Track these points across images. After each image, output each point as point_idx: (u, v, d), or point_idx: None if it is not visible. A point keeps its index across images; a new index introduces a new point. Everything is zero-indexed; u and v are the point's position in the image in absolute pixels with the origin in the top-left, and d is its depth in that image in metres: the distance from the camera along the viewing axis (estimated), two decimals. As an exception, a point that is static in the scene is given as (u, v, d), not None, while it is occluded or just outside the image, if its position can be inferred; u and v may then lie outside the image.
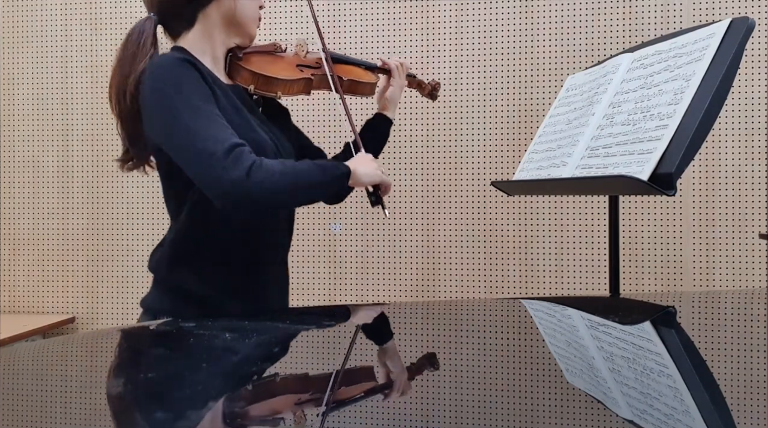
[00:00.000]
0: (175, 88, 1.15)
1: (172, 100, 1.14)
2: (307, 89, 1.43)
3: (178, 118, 1.13)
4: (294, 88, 1.38)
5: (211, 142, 1.11)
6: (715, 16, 2.35)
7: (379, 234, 2.52)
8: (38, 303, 2.71)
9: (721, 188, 2.34)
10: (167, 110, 1.14)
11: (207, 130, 1.12)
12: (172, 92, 1.14)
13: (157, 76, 1.16)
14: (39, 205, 2.71)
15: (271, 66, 1.37)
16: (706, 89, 1.07)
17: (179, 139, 1.14)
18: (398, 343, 0.99)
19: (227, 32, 1.30)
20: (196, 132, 1.12)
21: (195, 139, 1.12)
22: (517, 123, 2.45)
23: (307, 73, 1.41)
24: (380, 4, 2.52)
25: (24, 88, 2.71)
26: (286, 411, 0.69)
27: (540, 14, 2.44)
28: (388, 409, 0.68)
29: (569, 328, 1.10)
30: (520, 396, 0.73)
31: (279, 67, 1.38)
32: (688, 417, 0.64)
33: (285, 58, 1.44)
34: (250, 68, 1.32)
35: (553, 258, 2.43)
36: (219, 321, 1.11)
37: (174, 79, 1.15)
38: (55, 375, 0.85)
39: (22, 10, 2.71)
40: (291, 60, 1.44)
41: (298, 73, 1.40)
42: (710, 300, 1.40)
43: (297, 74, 1.39)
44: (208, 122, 1.13)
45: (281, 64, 1.41)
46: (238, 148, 1.12)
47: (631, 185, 1.11)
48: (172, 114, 1.14)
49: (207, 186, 1.14)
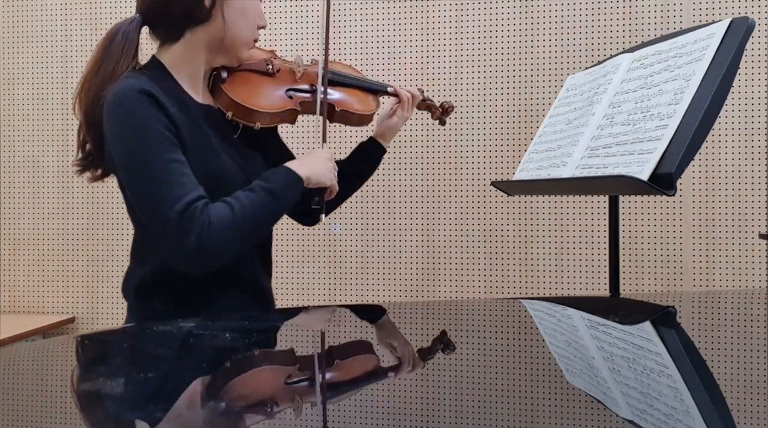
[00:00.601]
0: (136, 132, 1.10)
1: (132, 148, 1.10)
2: (292, 118, 1.33)
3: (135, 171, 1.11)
4: (276, 119, 1.30)
5: (163, 204, 1.08)
6: (715, 16, 2.35)
7: (379, 234, 2.52)
8: (38, 303, 2.71)
9: (721, 188, 2.34)
10: (126, 156, 1.11)
11: (160, 189, 1.08)
12: (131, 137, 1.10)
13: (118, 110, 1.11)
14: (39, 205, 2.71)
15: (254, 93, 1.28)
16: (706, 89, 1.07)
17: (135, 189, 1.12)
18: (398, 343, 0.99)
19: (213, 54, 1.24)
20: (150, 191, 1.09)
21: (148, 199, 1.10)
22: (517, 123, 2.45)
23: (294, 102, 1.32)
24: (380, 4, 2.52)
25: (24, 88, 2.71)
26: (282, 396, 0.69)
27: (540, 14, 2.44)
28: (387, 409, 0.68)
29: (569, 328, 1.10)
30: (520, 396, 0.73)
31: (263, 95, 1.29)
32: (688, 417, 0.64)
33: (275, 80, 1.33)
34: (230, 95, 1.24)
35: (553, 258, 2.43)
36: (219, 321, 1.11)
37: (135, 120, 1.10)
38: (55, 375, 0.85)
39: (22, 10, 2.71)
40: (282, 82, 1.34)
41: (284, 102, 1.31)
42: (710, 300, 1.40)
43: (282, 104, 1.30)
44: (165, 177, 1.09)
45: (268, 89, 1.31)
46: (189, 210, 1.07)
47: (631, 185, 1.11)
48: (131, 159, 1.11)
49: (161, 249, 1.13)
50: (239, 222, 1.11)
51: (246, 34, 1.25)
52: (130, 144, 1.11)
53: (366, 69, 2.50)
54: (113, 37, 1.20)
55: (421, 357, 0.88)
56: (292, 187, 1.20)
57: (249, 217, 1.13)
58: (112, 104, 1.12)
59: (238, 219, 1.11)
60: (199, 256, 1.09)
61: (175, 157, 1.11)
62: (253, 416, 0.67)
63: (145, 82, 1.14)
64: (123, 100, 1.11)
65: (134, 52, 1.20)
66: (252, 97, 1.27)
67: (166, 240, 1.10)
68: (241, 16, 1.23)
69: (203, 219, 1.08)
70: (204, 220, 1.08)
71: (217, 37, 1.22)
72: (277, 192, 1.17)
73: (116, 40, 1.19)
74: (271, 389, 0.75)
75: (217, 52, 1.24)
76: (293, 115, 1.33)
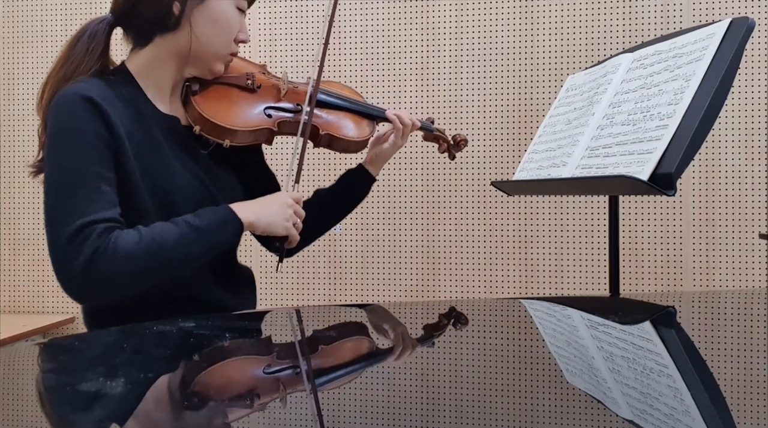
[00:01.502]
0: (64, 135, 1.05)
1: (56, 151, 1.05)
2: (268, 139, 1.24)
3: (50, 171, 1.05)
4: (248, 137, 1.21)
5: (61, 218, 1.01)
6: (715, 16, 2.35)
7: (379, 234, 2.52)
8: (38, 303, 2.71)
9: (721, 188, 2.34)
10: (49, 155, 1.06)
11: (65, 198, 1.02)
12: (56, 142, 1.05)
13: (55, 113, 1.06)
14: (39, 205, 2.68)
15: (227, 110, 1.19)
16: (706, 89, 1.07)
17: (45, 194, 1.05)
18: (398, 343, 0.99)
19: (183, 64, 1.18)
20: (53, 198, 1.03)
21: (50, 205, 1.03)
22: (517, 123, 2.45)
23: (272, 122, 1.23)
24: (380, 4, 2.52)
25: (24, 88, 2.71)
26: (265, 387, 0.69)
27: (540, 14, 2.44)
28: (387, 409, 0.68)
29: (569, 328, 1.10)
30: (520, 396, 0.73)
31: (237, 112, 1.20)
32: (688, 417, 0.64)
33: (254, 97, 1.24)
34: (199, 109, 1.17)
35: (553, 258, 2.43)
36: (219, 320, 1.11)
37: (67, 124, 1.05)
38: (55, 375, 0.85)
39: (22, 10, 2.71)
40: (261, 99, 1.25)
41: (259, 121, 1.22)
42: (710, 300, 1.40)
43: (257, 123, 1.21)
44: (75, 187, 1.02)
45: (243, 106, 1.22)
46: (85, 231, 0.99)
47: (631, 185, 1.11)
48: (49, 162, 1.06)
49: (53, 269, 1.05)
50: (141, 255, 1.01)
51: (218, 47, 1.18)
52: (55, 149, 1.05)
53: (366, 69, 2.50)
54: (80, 37, 1.16)
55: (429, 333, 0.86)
56: (226, 229, 1.09)
57: (157, 252, 1.02)
58: (53, 105, 1.08)
59: (142, 252, 1.01)
60: (82, 284, 1.02)
61: (98, 171, 1.04)
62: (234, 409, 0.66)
63: (95, 88, 1.08)
64: (62, 104, 1.06)
65: (100, 53, 1.16)
66: (222, 113, 1.18)
67: (54, 257, 1.03)
68: (214, 27, 1.16)
69: (98, 245, 0.99)
70: (98, 246, 0.99)
71: (185, 48, 1.16)
72: (204, 230, 1.06)
73: (82, 39, 1.15)
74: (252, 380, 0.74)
75: (186, 63, 1.18)
76: (269, 136, 1.24)
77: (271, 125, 1.23)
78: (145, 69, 1.17)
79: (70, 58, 1.15)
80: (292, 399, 0.71)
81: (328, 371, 0.83)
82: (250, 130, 1.21)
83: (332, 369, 0.84)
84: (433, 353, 0.92)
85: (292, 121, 1.25)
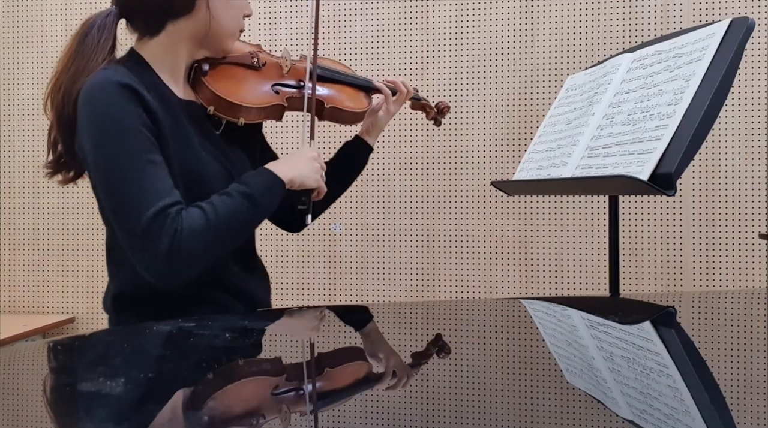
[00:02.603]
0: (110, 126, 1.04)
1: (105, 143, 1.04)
2: (278, 115, 1.26)
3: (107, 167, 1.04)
4: (260, 114, 1.23)
5: (134, 209, 1.02)
6: (715, 16, 2.35)
7: (379, 234, 2.52)
8: (38, 303, 2.71)
9: (721, 188, 2.34)
10: (98, 151, 1.05)
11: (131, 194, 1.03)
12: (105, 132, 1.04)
13: (93, 104, 1.05)
14: (39, 205, 2.71)
15: (238, 87, 1.21)
16: (706, 89, 1.07)
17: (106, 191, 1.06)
18: (398, 344, 0.99)
19: (197, 46, 1.18)
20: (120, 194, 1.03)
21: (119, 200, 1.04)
22: (517, 123, 2.45)
23: (281, 97, 1.25)
24: (380, 4, 2.52)
25: (24, 88, 2.71)
26: (270, 407, 0.69)
27: (540, 14, 2.44)
28: (387, 409, 0.68)
29: (569, 328, 1.10)
30: (520, 396, 0.73)
31: (248, 89, 1.22)
32: (688, 417, 0.64)
33: (260, 74, 1.26)
34: (212, 88, 1.18)
35: (553, 258, 2.43)
36: (219, 321, 1.11)
37: (110, 115, 1.04)
38: (55, 375, 0.85)
39: (22, 10, 2.71)
40: (267, 76, 1.27)
41: (269, 96, 1.24)
42: (710, 300, 1.40)
43: (268, 99, 1.23)
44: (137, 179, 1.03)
45: (252, 83, 1.24)
46: (160, 217, 1.01)
47: (631, 185, 1.11)
48: (103, 158, 1.05)
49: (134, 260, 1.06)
50: (213, 230, 1.05)
51: (232, 24, 1.19)
52: (104, 141, 1.04)
53: (366, 69, 2.50)
54: (88, 31, 1.14)
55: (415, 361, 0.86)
56: (273, 191, 1.13)
57: (224, 224, 1.06)
58: (87, 96, 1.06)
59: (212, 227, 1.05)
60: (169, 267, 1.03)
61: (151, 157, 1.05)
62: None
63: (124, 74, 1.08)
64: (99, 92, 1.05)
65: (111, 46, 1.14)
66: (236, 91, 1.20)
67: (135, 248, 1.04)
68: (227, 5, 1.17)
69: (175, 227, 1.02)
70: (176, 228, 1.02)
71: (201, 30, 1.16)
72: (257, 197, 1.10)
73: (91, 33, 1.13)
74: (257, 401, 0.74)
75: (200, 45, 1.18)
76: (280, 111, 1.27)
77: (281, 101, 1.25)
78: (160, 55, 1.16)
79: (81, 52, 1.12)
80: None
81: (329, 375, 0.83)
82: (263, 106, 1.23)
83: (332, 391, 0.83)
84: (434, 353, 0.92)
85: (298, 97, 1.28)
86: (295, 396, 0.73)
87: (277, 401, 0.71)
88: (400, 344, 0.98)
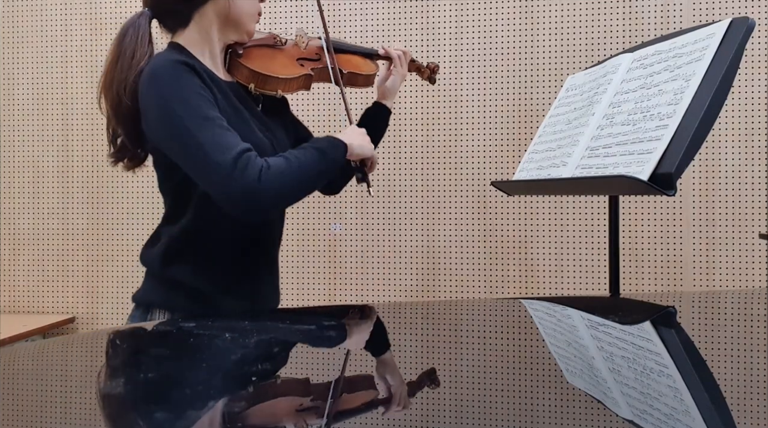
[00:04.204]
0: (177, 95, 1.14)
1: (175, 109, 1.13)
2: (308, 84, 1.40)
3: (182, 129, 1.12)
4: (294, 85, 1.36)
5: (218, 152, 1.11)
6: (715, 16, 2.35)
7: (379, 234, 2.52)
8: (38, 303, 2.71)
9: (721, 188, 2.34)
10: (170, 119, 1.14)
11: (212, 139, 1.12)
12: (174, 100, 1.13)
13: (157, 81, 1.15)
14: (39, 205, 2.71)
15: (271, 63, 1.35)
16: (706, 89, 1.07)
17: (185, 149, 1.14)
18: (398, 344, 0.99)
19: (224, 30, 1.28)
20: (202, 143, 1.12)
21: (201, 150, 1.12)
22: (517, 123, 2.45)
23: (307, 68, 1.39)
24: (380, 3, 2.52)
25: (24, 88, 2.71)
26: (286, 417, 0.69)
27: (540, 14, 2.44)
28: (387, 409, 0.68)
29: (569, 328, 1.10)
30: (520, 396, 0.73)
31: (279, 64, 1.36)
32: (688, 417, 0.64)
33: (285, 52, 1.41)
34: (250, 66, 1.30)
35: (553, 258, 2.43)
36: (219, 321, 1.11)
37: (175, 85, 1.14)
38: (55, 375, 0.85)
39: (22, 10, 2.71)
40: (291, 53, 1.42)
41: (298, 68, 1.38)
42: (710, 300, 1.40)
43: (297, 70, 1.37)
44: (213, 130, 1.13)
45: (281, 59, 1.38)
46: (245, 155, 1.12)
47: (631, 185, 1.11)
48: (176, 124, 1.13)
49: (218, 196, 1.14)
50: (295, 172, 1.16)
51: (250, 5, 1.28)
52: (173, 108, 1.13)
53: (366, 69, 2.50)
54: (126, 32, 1.23)
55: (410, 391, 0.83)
56: (339, 149, 1.24)
57: (302, 170, 1.17)
58: (149, 78, 1.15)
59: (294, 170, 1.16)
60: (257, 195, 1.12)
61: (219, 115, 1.15)
62: None
63: (179, 55, 1.18)
64: (161, 71, 1.15)
65: (149, 41, 1.24)
66: (270, 67, 1.33)
67: (221, 186, 1.12)
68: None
69: (261, 163, 1.12)
70: (262, 164, 1.12)
71: (223, 12, 1.25)
72: (327, 151, 1.22)
73: (129, 32, 1.23)
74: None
75: (226, 28, 1.28)
76: (308, 81, 1.40)
77: (309, 71, 1.39)
78: (197, 42, 1.26)
79: (123, 52, 1.22)
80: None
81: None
82: (296, 76, 1.36)
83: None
84: (434, 353, 0.92)
85: (321, 67, 1.43)
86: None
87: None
88: (401, 344, 0.98)
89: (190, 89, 1.15)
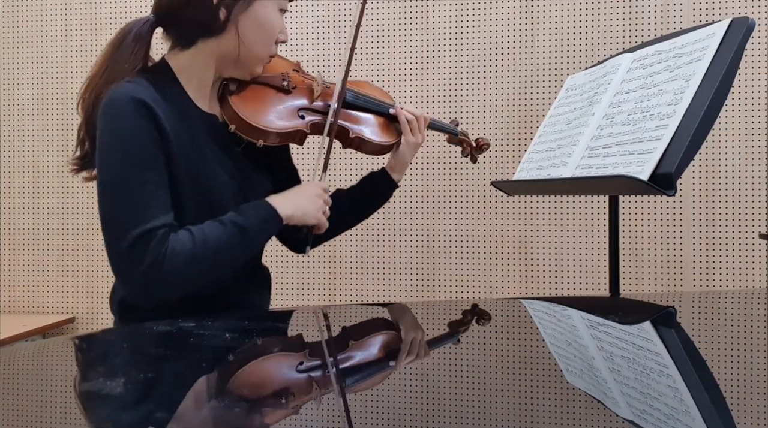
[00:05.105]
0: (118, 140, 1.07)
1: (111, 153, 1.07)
2: (300, 140, 1.26)
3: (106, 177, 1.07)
4: (282, 139, 1.23)
5: (121, 229, 1.04)
6: (715, 16, 2.35)
7: (379, 234, 2.52)
8: (38, 303, 2.71)
9: (721, 188, 2.34)
10: (103, 160, 1.08)
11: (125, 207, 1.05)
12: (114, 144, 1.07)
13: (109, 114, 1.08)
14: (39, 205, 2.71)
15: (262, 109, 1.21)
16: (706, 89, 1.07)
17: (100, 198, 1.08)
18: (398, 344, 0.99)
19: (225, 65, 1.20)
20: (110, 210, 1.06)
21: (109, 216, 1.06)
22: (517, 123, 2.45)
23: (305, 124, 1.25)
24: (380, 4, 2.52)
25: (24, 88, 2.71)
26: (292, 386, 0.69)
27: (540, 14, 2.44)
28: (387, 409, 0.68)
29: (569, 328, 1.10)
30: (520, 396, 0.73)
31: (273, 113, 1.22)
32: (688, 417, 0.64)
33: (288, 98, 1.26)
34: (235, 109, 1.18)
35: (553, 258, 2.43)
36: (219, 321, 1.11)
37: (123, 126, 1.07)
38: (55, 375, 0.85)
39: (22, 10, 2.71)
40: (295, 101, 1.26)
41: (293, 121, 1.23)
42: (710, 300, 1.40)
43: (291, 124, 1.23)
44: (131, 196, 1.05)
45: (278, 107, 1.24)
46: (147, 236, 1.03)
47: (631, 185, 1.11)
48: (104, 167, 1.08)
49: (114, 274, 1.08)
50: (198, 256, 1.06)
51: (261, 51, 1.20)
52: (109, 153, 1.07)
53: (366, 69, 2.50)
54: (124, 38, 1.17)
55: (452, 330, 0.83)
56: (268, 226, 1.14)
57: (210, 253, 1.07)
58: (105, 106, 1.09)
59: (198, 254, 1.06)
60: (146, 286, 1.04)
61: (152, 176, 1.07)
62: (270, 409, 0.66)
63: (144, 90, 1.10)
64: (116, 104, 1.07)
65: (144, 54, 1.18)
66: (258, 114, 1.20)
67: (113, 264, 1.06)
68: (258, 31, 1.18)
69: (157, 252, 1.03)
70: (159, 251, 1.03)
71: (229, 51, 1.17)
72: (249, 230, 1.11)
73: (126, 41, 1.16)
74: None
75: (227, 66, 1.20)
76: (301, 137, 1.26)
77: (304, 127, 1.25)
78: (187, 69, 1.18)
79: (114, 61, 1.15)
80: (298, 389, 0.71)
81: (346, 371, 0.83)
82: (284, 132, 1.23)
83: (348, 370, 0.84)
84: (434, 353, 0.92)
85: (322, 123, 1.27)
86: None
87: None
88: (400, 345, 0.98)
89: (134, 138, 1.06)
